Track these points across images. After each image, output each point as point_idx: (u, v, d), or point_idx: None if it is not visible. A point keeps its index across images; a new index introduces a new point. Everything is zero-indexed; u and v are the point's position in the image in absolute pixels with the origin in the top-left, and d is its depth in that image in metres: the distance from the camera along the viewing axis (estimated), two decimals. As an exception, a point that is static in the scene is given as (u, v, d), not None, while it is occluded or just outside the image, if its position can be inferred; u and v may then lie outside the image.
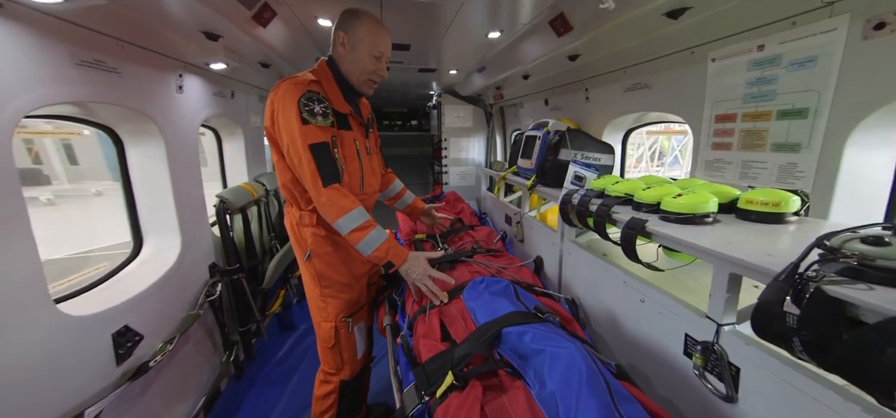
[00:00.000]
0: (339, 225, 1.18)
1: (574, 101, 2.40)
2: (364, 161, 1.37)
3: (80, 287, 1.36)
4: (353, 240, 1.19)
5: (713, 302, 0.74)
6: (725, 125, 1.21)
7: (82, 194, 8.07)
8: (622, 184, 1.12)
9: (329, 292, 1.36)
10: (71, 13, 1.11)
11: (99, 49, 1.29)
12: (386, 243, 1.21)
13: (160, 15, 1.37)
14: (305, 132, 1.14)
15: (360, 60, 1.25)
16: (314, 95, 1.18)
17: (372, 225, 1.21)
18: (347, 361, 1.41)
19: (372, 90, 1.34)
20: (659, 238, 0.84)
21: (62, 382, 1.07)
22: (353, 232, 1.18)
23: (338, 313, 1.36)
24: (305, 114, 1.14)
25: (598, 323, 1.20)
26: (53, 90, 1.12)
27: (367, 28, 1.24)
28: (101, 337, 1.24)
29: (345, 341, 1.39)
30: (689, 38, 1.28)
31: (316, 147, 1.15)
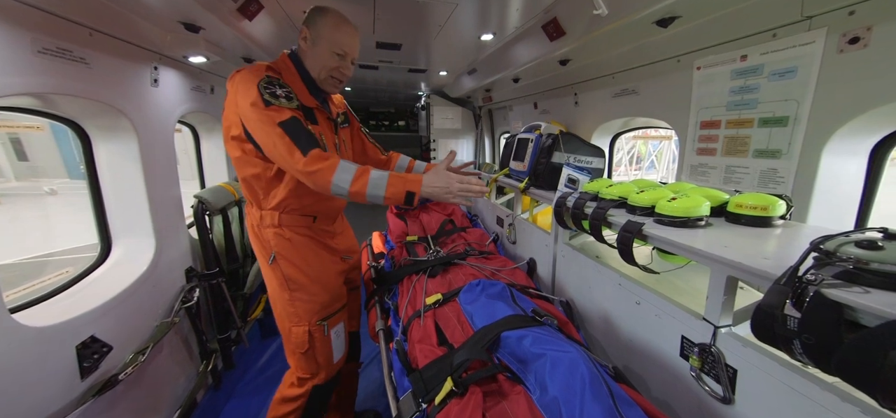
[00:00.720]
0: (336, 184, 1.05)
1: (563, 105, 2.44)
2: None
3: (40, 295, 1.24)
4: (359, 194, 1.07)
5: (710, 304, 0.76)
6: (710, 131, 1.26)
7: (34, 193, 7.44)
8: (616, 187, 1.14)
9: (299, 295, 1.26)
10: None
11: (64, 36, 1.18)
12: (392, 177, 1.09)
13: (134, 3, 1.28)
14: (272, 112, 1.05)
15: (321, 56, 1.19)
16: (274, 80, 1.11)
17: (368, 168, 1.09)
18: (324, 365, 1.32)
19: (336, 89, 1.28)
20: (656, 241, 0.86)
21: (19, 400, 0.97)
22: (354, 183, 1.06)
23: (311, 316, 1.27)
24: (267, 96, 1.06)
25: (592, 326, 1.22)
26: (9, 80, 1.02)
27: (330, 24, 1.19)
28: (63, 350, 1.13)
29: (320, 345, 1.30)
30: (677, 47, 1.33)
31: (286, 123, 1.05)
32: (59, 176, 7.53)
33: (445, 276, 1.57)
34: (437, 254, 1.82)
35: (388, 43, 2.28)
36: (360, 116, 6.25)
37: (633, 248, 0.88)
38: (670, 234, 0.82)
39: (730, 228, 0.86)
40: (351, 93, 5.14)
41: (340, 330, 1.38)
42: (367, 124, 6.28)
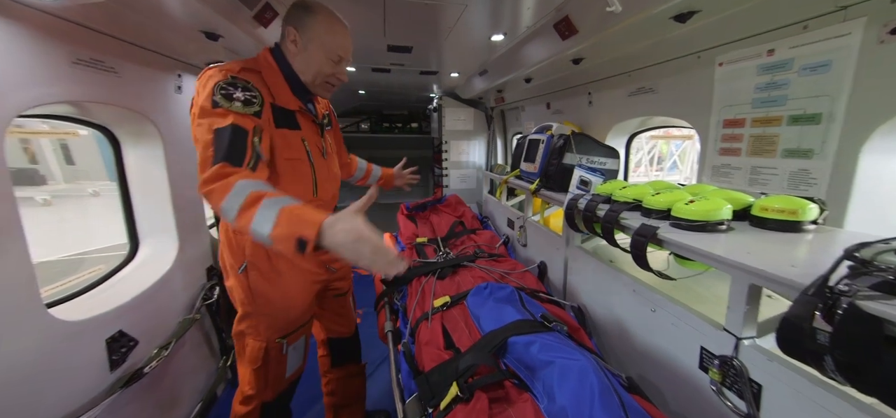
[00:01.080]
0: (224, 209, 0.83)
1: (577, 105, 2.38)
2: (317, 163, 1.16)
3: (74, 291, 1.32)
4: (242, 225, 0.80)
5: (731, 314, 0.72)
6: (734, 130, 1.19)
7: (79, 194, 8.02)
8: (630, 189, 1.10)
9: (265, 310, 1.15)
10: (69, 11, 1.09)
11: (97, 48, 1.27)
12: (285, 213, 0.77)
13: (160, 14, 1.35)
14: (213, 116, 0.89)
15: (315, 62, 1.07)
16: (240, 82, 0.95)
17: (263, 195, 0.80)
18: (271, 383, 1.23)
19: (329, 93, 1.20)
20: (671, 246, 0.81)
21: (53, 390, 1.04)
22: (240, 213, 0.80)
23: (271, 334, 1.17)
24: (218, 96, 0.90)
25: (606, 333, 1.17)
26: (49, 89, 1.09)
27: (323, 26, 1.06)
28: (94, 343, 1.20)
29: (274, 363, 1.20)
30: (696, 42, 1.27)
31: (220, 130, 0.87)
32: (102, 178, 8.08)
33: (454, 278, 1.57)
34: (446, 256, 1.81)
35: (399, 46, 2.30)
36: (373, 119, 6.36)
37: (647, 253, 0.84)
38: (687, 239, 0.78)
39: (754, 233, 0.81)
40: (365, 96, 5.23)
41: (300, 344, 1.29)
42: (381, 127, 6.35)
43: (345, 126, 6.10)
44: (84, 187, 8.13)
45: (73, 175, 8.52)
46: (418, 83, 3.91)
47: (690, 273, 0.94)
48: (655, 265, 0.90)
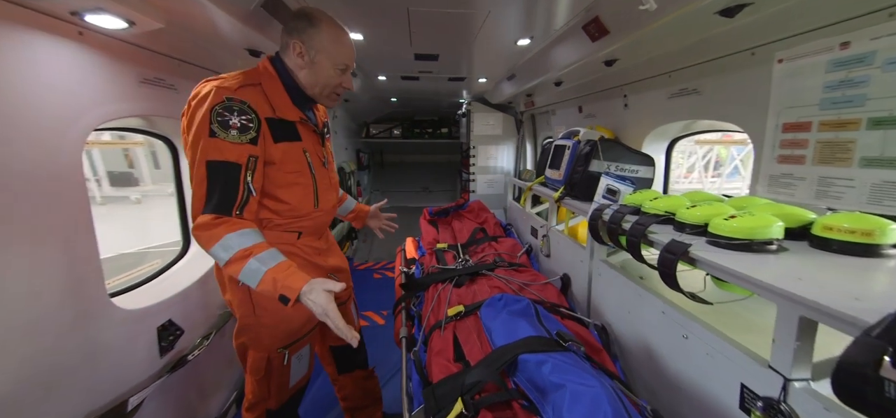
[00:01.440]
0: (213, 255, 0.93)
1: (611, 108, 2.24)
2: (318, 174, 1.16)
3: (134, 282, 1.50)
4: (231, 272, 0.93)
5: (778, 350, 0.61)
6: (796, 135, 1.03)
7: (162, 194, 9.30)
8: (662, 200, 0.99)
9: (265, 321, 1.14)
10: (136, 37, 1.25)
11: (159, 68, 1.44)
12: (271, 273, 0.91)
13: (212, 35, 1.50)
14: (208, 146, 0.91)
15: (322, 74, 1.07)
16: (236, 105, 0.95)
17: (255, 250, 0.92)
18: (274, 393, 1.23)
19: (337, 103, 1.19)
20: (705, 266, 0.72)
21: (112, 370, 1.18)
22: (228, 263, 0.91)
23: (273, 344, 1.17)
24: (215, 125, 0.91)
25: (632, 356, 1.07)
26: (120, 106, 1.26)
27: (329, 37, 1.05)
28: (148, 330, 1.36)
29: (276, 373, 1.20)
30: (750, 38, 1.12)
31: (213, 165, 0.91)
32: (183, 181, 9.34)
33: (471, 287, 1.53)
34: (465, 264, 1.79)
35: (426, 54, 2.33)
36: (405, 125, 6.51)
37: (677, 272, 0.75)
38: (725, 259, 0.68)
39: (814, 256, 0.68)
40: (397, 103, 5.39)
41: (304, 353, 1.28)
42: (412, 132, 6.49)
43: (377, 132, 6.34)
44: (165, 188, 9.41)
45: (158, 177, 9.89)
46: (448, 89, 3.94)
47: (732, 297, 0.82)
48: (689, 286, 0.80)
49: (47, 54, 0.97)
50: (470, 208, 2.50)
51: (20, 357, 0.90)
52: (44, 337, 0.96)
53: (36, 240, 0.94)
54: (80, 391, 1.06)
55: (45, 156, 0.96)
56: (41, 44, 0.96)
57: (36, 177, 0.94)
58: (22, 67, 0.91)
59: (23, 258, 0.91)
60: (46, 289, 0.97)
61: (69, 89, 1.04)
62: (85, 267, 1.09)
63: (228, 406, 1.86)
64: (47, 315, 0.97)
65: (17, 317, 0.89)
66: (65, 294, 1.02)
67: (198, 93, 0.98)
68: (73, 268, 1.05)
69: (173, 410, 1.50)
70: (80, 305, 1.07)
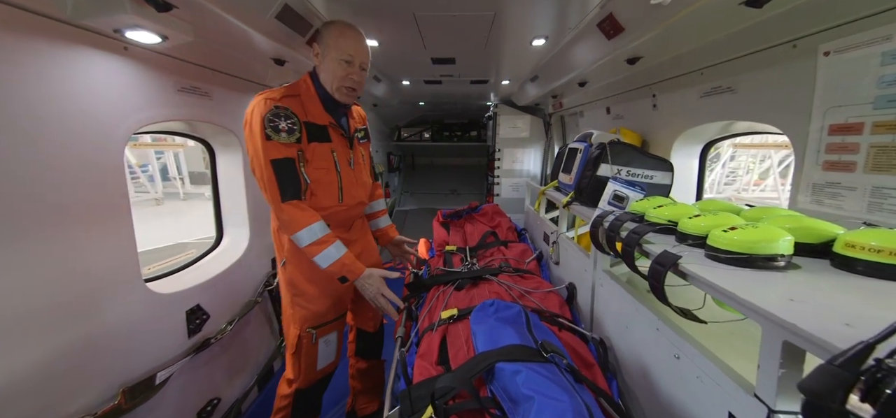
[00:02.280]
0: (297, 238, 1.19)
1: (639, 109, 2.09)
2: (344, 173, 1.34)
3: (168, 270, 1.69)
4: (310, 254, 1.20)
5: (763, 377, 0.53)
6: (845, 138, 0.89)
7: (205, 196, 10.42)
8: (667, 208, 0.90)
9: (298, 301, 1.36)
10: (172, 49, 1.42)
11: (195, 77, 1.62)
12: (342, 259, 1.23)
13: (243, 47, 1.66)
14: (268, 148, 1.15)
15: (330, 67, 1.24)
16: (282, 111, 1.17)
17: (330, 240, 1.22)
18: (303, 371, 1.40)
19: (350, 98, 1.30)
20: (693, 279, 0.64)
21: (144, 347, 1.34)
22: (310, 245, 1.19)
23: (303, 322, 1.36)
24: (269, 130, 1.15)
25: (630, 375, 0.98)
26: (159, 112, 1.44)
27: (334, 34, 1.24)
28: (177, 313, 1.52)
29: (305, 351, 1.38)
30: (790, 28, 0.98)
31: (277, 162, 1.15)
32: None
33: (471, 291, 1.51)
34: (471, 267, 1.76)
35: (442, 58, 2.36)
36: (435, 128, 6.59)
37: (670, 286, 0.68)
38: (720, 275, 0.60)
39: (830, 276, 0.58)
40: (426, 107, 5.48)
41: (332, 339, 1.44)
42: (441, 135, 6.55)
43: (408, 136, 6.49)
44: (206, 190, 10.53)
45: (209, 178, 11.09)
46: (473, 92, 3.93)
47: (730, 318, 0.72)
48: (687, 302, 0.72)
49: (97, 67, 1.14)
50: (483, 211, 2.46)
51: (64, 331, 1.05)
52: (85, 314, 1.12)
53: (80, 230, 1.10)
54: (115, 365, 1.22)
55: (93, 153, 1.13)
56: (92, 58, 1.13)
57: (85, 171, 1.11)
58: (77, 77, 1.07)
59: (74, 241, 1.07)
60: (87, 274, 1.12)
61: (115, 96, 1.21)
62: (122, 256, 1.25)
63: (249, 388, 2.01)
64: (89, 294, 1.13)
65: (63, 294, 1.04)
66: (104, 279, 1.18)
67: (252, 105, 1.22)
68: (111, 256, 1.21)
69: (198, 387, 1.66)
70: (117, 289, 1.23)
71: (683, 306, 0.72)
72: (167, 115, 1.49)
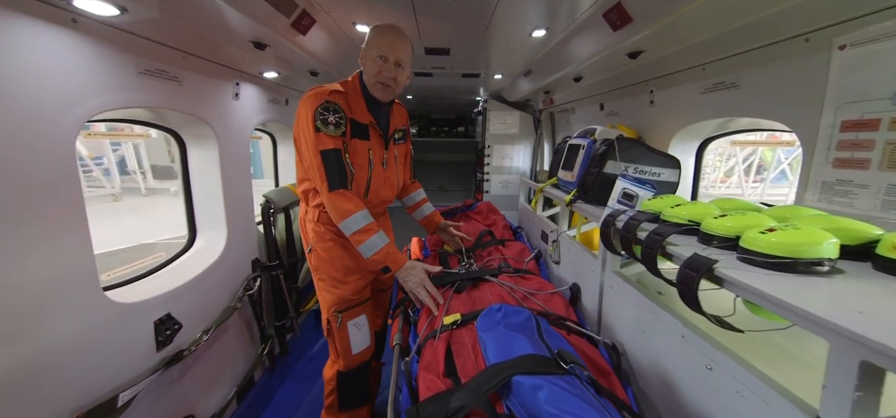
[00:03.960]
0: (343, 226, 1.26)
1: (635, 106, 2.08)
2: (375, 172, 1.41)
3: (132, 276, 1.51)
4: (355, 242, 1.27)
5: (830, 400, 0.48)
6: (858, 135, 0.88)
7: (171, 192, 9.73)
8: (686, 206, 0.87)
9: (323, 285, 1.46)
10: (134, 26, 1.24)
11: (162, 59, 1.43)
12: (386, 248, 1.28)
13: (214, 26, 1.49)
14: (318, 139, 1.23)
15: (369, 66, 1.32)
16: (331, 105, 1.25)
17: (374, 229, 1.28)
18: (341, 354, 1.47)
19: (386, 95, 1.36)
20: (736, 288, 0.59)
21: (104, 365, 1.18)
22: (355, 233, 1.26)
23: (329, 306, 1.44)
24: (319, 122, 1.23)
25: (647, 384, 0.94)
26: (117, 96, 1.26)
27: (375, 33, 1.32)
28: (143, 324, 1.35)
29: (336, 334, 1.45)
30: (802, 21, 0.96)
31: (326, 153, 1.24)
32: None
33: (472, 293, 1.44)
34: (469, 267, 1.69)
35: (436, 48, 2.26)
36: (422, 123, 6.46)
37: (698, 292, 0.63)
38: (760, 282, 0.56)
39: (880, 282, 0.55)
40: (412, 101, 5.34)
41: (362, 322, 1.49)
42: (429, 131, 6.43)
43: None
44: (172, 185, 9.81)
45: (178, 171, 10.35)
46: (463, 86, 3.86)
47: (771, 326, 0.69)
48: (714, 308, 0.68)
49: (38, 41, 0.96)
50: (478, 209, 2.39)
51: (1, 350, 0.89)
52: (29, 330, 0.96)
53: (24, 232, 0.93)
54: (67, 387, 1.06)
55: (35, 145, 0.96)
56: (32, 30, 0.95)
57: (25, 167, 0.93)
58: (11, 54, 0.90)
59: (15, 246, 0.91)
60: (33, 283, 0.96)
61: (62, 78, 1.04)
62: (76, 261, 1.09)
63: (228, 401, 1.85)
64: (34, 309, 0.97)
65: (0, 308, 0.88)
66: (53, 288, 1.02)
67: (302, 98, 1.30)
68: (64, 262, 1.05)
69: (168, 405, 1.50)
70: (69, 300, 1.07)
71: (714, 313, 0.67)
72: (126, 101, 1.30)
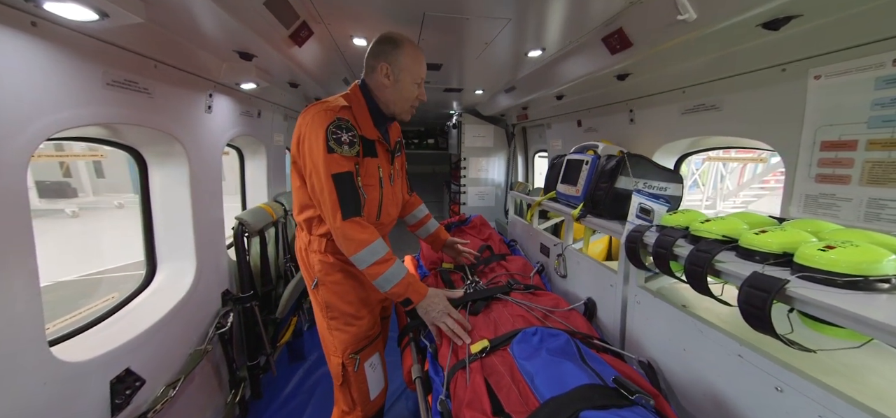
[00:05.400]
0: (357, 258, 1.14)
1: (614, 123, 2.22)
2: (386, 189, 1.31)
3: (85, 322, 1.23)
4: (372, 275, 1.15)
5: None
6: (838, 154, 1.00)
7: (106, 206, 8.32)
8: (716, 222, 0.91)
9: (335, 324, 1.29)
10: (105, 32, 1.05)
11: (131, 69, 1.23)
12: (406, 278, 1.17)
13: (196, 34, 1.32)
14: (330, 161, 1.10)
15: (405, 89, 1.23)
16: (343, 123, 1.14)
17: (392, 259, 1.16)
18: (359, 402, 1.32)
19: (411, 116, 1.31)
20: (822, 311, 0.59)
21: (44, 443, 0.91)
22: (372, 266, 1.13)
23: (344, 348, 1.29)
24: (332, 142, 1.11)
25: (690, 402, 0.95)
26: (81, 111, 1.04)
27: (410, 56, 1.22)
28: (97, 386, 1.09)
29: (353, 379, 1.31)
30: (780, 53, 1.10)
31: (339, 177, 1.11)
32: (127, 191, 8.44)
33: (489, 314, 1.38)
34: (476, 286, 1.64)
35: (430, 63, 2.25)
36: None
37: (770, 312, 0.65)
38: (841, 301, 0.58)
39: None
40: None
41: (376, 361, 1.36)
42: (396, 142, 6.34)
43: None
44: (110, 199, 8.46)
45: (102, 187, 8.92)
46: (440, 100, 3.88)
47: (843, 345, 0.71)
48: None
49: None
50: (472, 224, 2.36)
51: None
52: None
53: None
54: None
55: None
56: None
57: None
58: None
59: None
60: None
61: (14, 91, 0.83)
62: (21, 309, 0.84)
63: (197, 464, 1.55)
64: None
65: None
66: None
67: (306, 114, 1.17)
68: (5, 311, 0.80)
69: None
70: (11, 358, 0.82)
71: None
72: (91, 117, 1.09)
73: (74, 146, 6.58)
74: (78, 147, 6.75)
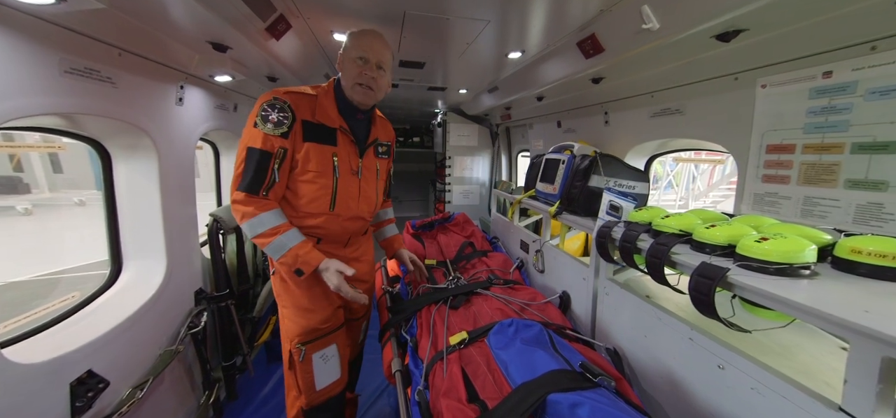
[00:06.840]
0: (244, 228, 1.16)
1: (591, 124, 2.31)
2: (342, 180, 1.26)
3: (41, 323, 1.16)
4: (260, 245, 1.16)
5: (853, 392, 0.57)
6: (780, 156, 1.10)
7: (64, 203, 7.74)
8: (675, 218, 0.98)
9: (286, 312, 1.31)
10: (62, 17, 0.99)
11: (92, 57, 1.17)
12: (294, 250, 1.16)
13: (165, 23, 1.26)
14: (250, 134, 1.14)
15: (348, 68, 1.24)
16: (278, 103, 1.15)
17: (280, 230, 1.16)
18: (303, 390, 1.32)
19: (365, 98, 1.25)
20: (755, 295, 0.66)
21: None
22: (258, 237, 1.15)
23: (293, 337, 1.29)
24: (258, 118, 1.13)
25: (652, 385, 1.02)
26: (34, 100, 0.98)
27: (353, 37, 1.25)
28: (56, 389, 1.03)
29: (299, 368, 1.30)
30: (733, 63, 1.20)
31: (251, 151, 1.13)
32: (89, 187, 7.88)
33: (469, 309, 1.42)
34: (457, 281, 1.68)
35: (412, 61, 2.25)
36: None
37: (714, 298, 0.72)
38: (766, 285, 0.66)
39: (847, 282, 0.67)
40: None
41: (331, 353, 1.34)
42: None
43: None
44: (70, 196, 7.87)
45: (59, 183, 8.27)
46: (425, 98, 3.88)
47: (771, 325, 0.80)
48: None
49: None
50: (456, 221, 2.40)
51: None
52: None
53: None
54: None
55: None
56: None
57: None
58: None
59: None
60: None
61: None
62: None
63: (167, 469, 1.50)
64: None
65: None
66: None
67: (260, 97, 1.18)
68: None
69: (89, 490, 1.16)
70: None
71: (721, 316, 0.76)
72: (45, 106, 1.03)
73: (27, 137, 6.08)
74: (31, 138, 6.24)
